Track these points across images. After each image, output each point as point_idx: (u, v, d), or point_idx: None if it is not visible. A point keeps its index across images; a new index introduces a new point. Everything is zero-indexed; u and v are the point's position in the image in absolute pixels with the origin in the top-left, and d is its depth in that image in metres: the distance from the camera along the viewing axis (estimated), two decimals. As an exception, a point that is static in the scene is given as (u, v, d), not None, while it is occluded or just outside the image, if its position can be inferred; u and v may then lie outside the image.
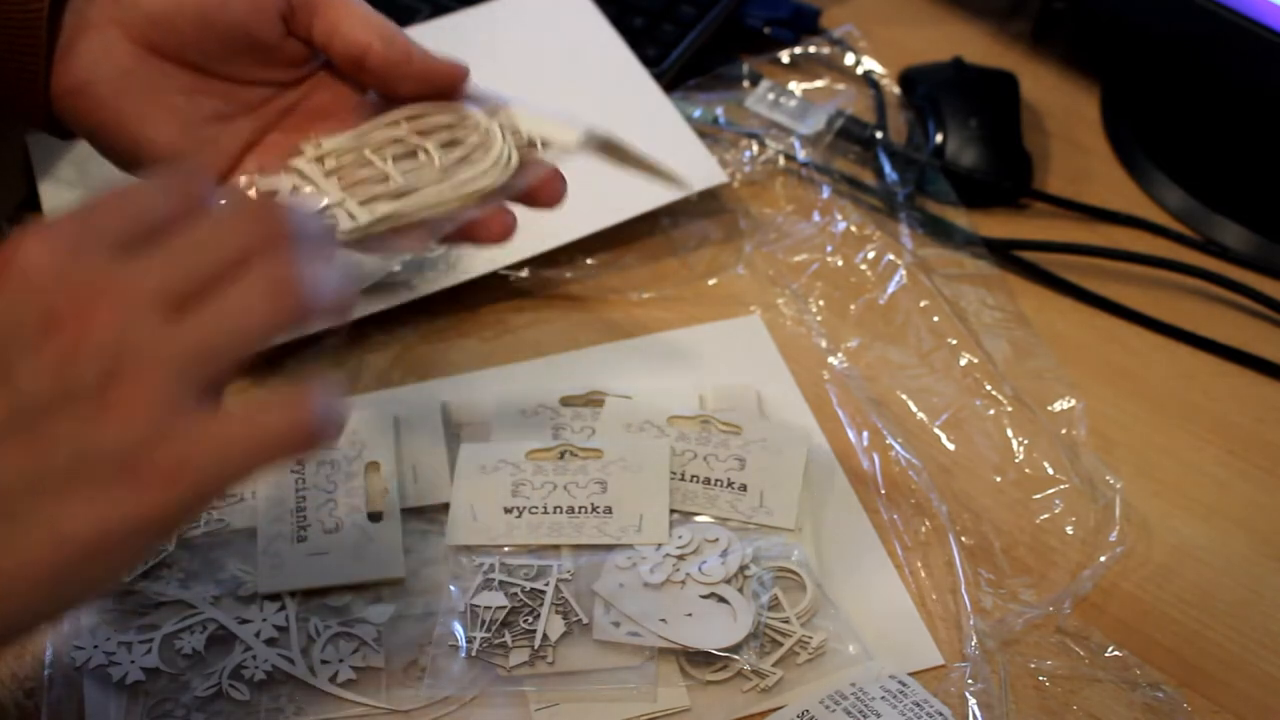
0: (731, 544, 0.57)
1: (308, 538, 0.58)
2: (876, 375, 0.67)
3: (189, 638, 0.54)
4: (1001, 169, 0.77)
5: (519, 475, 0.60)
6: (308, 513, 0.58)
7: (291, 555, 0.57)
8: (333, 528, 0.58)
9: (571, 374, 0.65)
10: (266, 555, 0.57)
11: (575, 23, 0.80)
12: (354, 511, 0.59)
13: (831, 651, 0.55)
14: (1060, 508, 0.61)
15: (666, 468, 0.60)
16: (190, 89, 0.52)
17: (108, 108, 0.51)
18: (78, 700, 0.53)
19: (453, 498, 0.59)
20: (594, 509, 0.58)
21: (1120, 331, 0.71)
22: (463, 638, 0.54)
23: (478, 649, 0.54)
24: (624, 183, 0.72)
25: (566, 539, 0.58)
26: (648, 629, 0.54)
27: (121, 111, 0.51)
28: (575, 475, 0.60)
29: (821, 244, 0.73)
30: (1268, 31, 0.70)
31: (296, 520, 0.58)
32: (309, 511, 0.58)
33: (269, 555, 0.57)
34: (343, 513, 0.58)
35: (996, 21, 0.90)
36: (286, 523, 0.58)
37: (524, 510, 0.58)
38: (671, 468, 0.60)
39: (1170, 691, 0.55)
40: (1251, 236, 0.75)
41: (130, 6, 0.50)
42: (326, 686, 0.53)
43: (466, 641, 0.54)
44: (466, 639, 0.54)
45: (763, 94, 0.81)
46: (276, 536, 0.58)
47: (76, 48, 0.51)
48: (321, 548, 0.57)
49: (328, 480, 0.60)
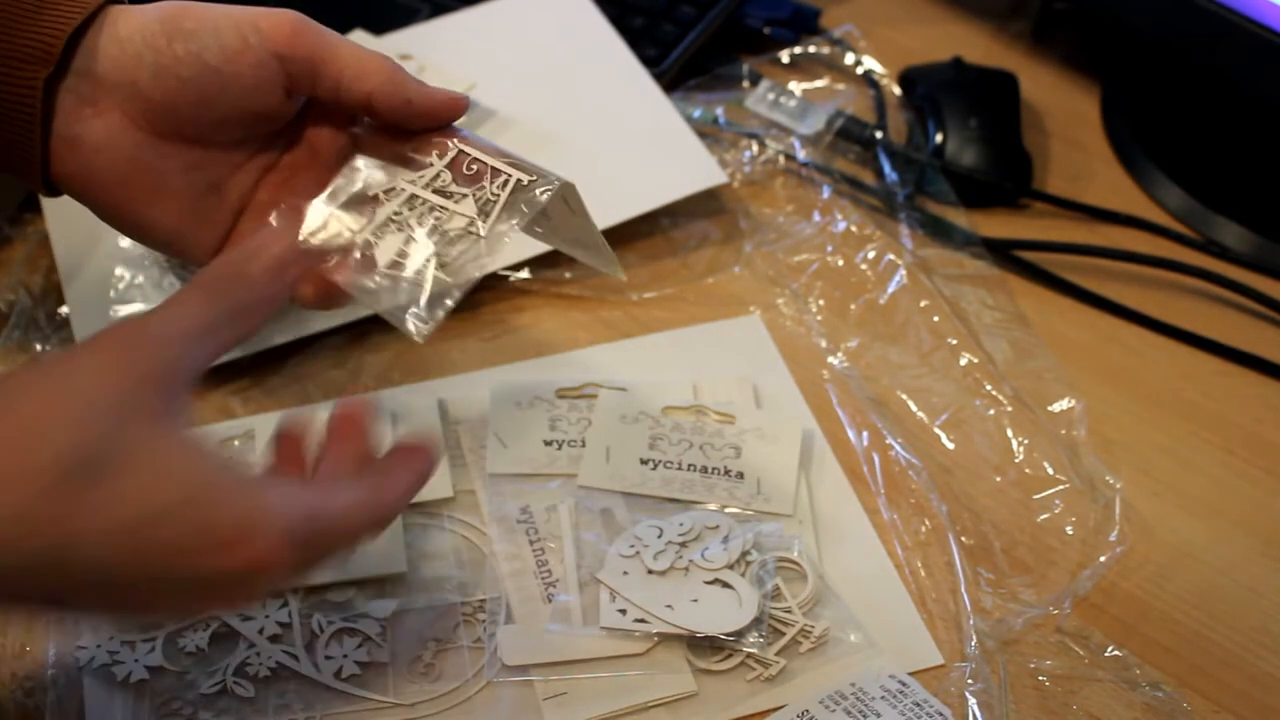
0: (732, 530, 0.58)
1: (308, 536, 0.58)
2: (876, 375, 0.67)
3: (192, 635, 0.55)
4: (1001, 169, 0.77)
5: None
6: (309, 511, 0.58)
7: (292, 554, 0.57)
8: (334, 526, 0.58)
9: (571, 372, 0.66)
10: (267, 554, 0.57)
11: (575, 23, 0.80)
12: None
13: (834, 640, 0.55)
14: (1060, 508, 0.62)
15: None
16: (188, 165, 0.51)
17: (113, 195, 0.51)
18: (79, 700, 0.53)
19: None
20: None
21: (1120, 331, 0.71)
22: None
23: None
24: (624, 183, 0.72)
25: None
26: (654, 615, 0.55)
27: (128, 198, 0.51)
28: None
29: (821, 244, 0.73)
30: (1268, 31, 0.70)
31: (297, 519, 0.58)
32: (310, 510, 0.58)
33: (270, 554, 0.57)
34: (344, 511, 0.59)
35: (996, 21, 0.90)
36: (287, 521, 0.58)
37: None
38: (669, 457, 0.61)
39: (1170, 691, 0.55)
40: (1251, 236, 0.75)
41: (133, 93, 0.49)
42: (331, 682, 0.54)
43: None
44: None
45: (763, 94, 0.81)
46: (277, 535, 0.58)
47: (77, 132, 0.49)
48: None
49: (328, 479, 0.60)
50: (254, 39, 0.49)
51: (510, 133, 0.74)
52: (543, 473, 0.61)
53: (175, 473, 0.41)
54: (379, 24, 0.80)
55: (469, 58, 0.77)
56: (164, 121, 0.50)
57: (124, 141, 0.50)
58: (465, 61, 0.76)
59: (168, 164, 0.51)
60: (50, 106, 0.49)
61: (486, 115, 0.75)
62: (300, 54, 0.50)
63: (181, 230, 0.52)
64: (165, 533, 0.40)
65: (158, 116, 0.50)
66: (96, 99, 0.49)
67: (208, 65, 0.49)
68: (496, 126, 0.75)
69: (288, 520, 0.42)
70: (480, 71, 0.75)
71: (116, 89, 0.49)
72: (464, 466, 0.62)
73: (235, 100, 0.50)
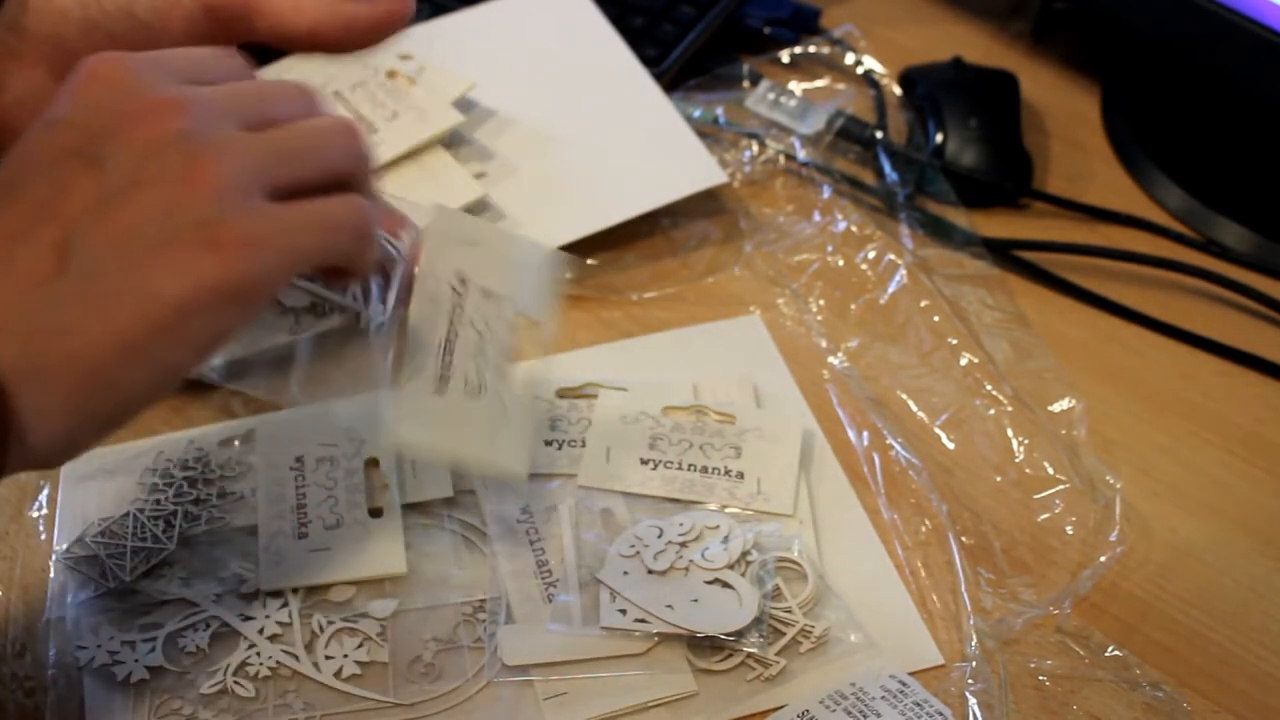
0: (732, 530, 0.58)
1: (309, 534, 0.58)
2: (876, 375, 0.67)
3: (192, 635, 0.55)
4: (1001, 169, 0.77)
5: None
6: (309, 509, 0.58)
7: (293, 552, 0.57)
8: (334, 524, 0.58)
9: (570, 372, 0.66)
10: (268, 552, 0.57)
11: (575, 23, 0.80)
12: (354, 508, 0.59)
13: (834, 641, 0.55)
14: (1060, 508, 0.62)
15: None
16: None
17: None
18: (79, 700, 0.53)
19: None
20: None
21: (1120, 331, 0.71)
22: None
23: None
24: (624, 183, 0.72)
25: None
26: (654, 615, 0.55)
27: None
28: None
29: (822, 244, 0.73)
30: (1268, 31, 0.70)
31: (298, 517, 0.58)
32: (310, 508, 0.59)
33: (270, 552, 0.57)
34: (343, 509, 0.59)
35: (996, 21, 0.90)
36: (288, 519, 0.58)
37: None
38: (669, 457, 0.61)
39: (1170, 691, 0.55)
40: (1251, 236, 0.75)
41: (58, 45, 0.48)
42: (331, 681, 0.54)
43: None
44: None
45: (763, 94, 0.81)
46: (278, 533, 0.58)
47: (4, 86, 0.49)
48: (323, 544, 0.57)
49: (328, 477, 0.60)
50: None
51: (510, 133, 0.74)
52: (543, 473, 0.61)
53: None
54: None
55: (469, 58, 0.77)
56: None
57: (47, 96, 0.48)
58: (465, 61, 0.76)
59: None
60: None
61: (486, 115, 0.75)
62: (231, 2, 0.49)
63: None
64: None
65: None
66: (22, 53, 0.49)
67: (137, 19, 0.48)
68: (496, 126, 0.75)
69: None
70: (480, 71, 0.75)
71: (43, 43, 0.48)
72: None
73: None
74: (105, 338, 0.39)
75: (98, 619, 0.55)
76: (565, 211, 0.70)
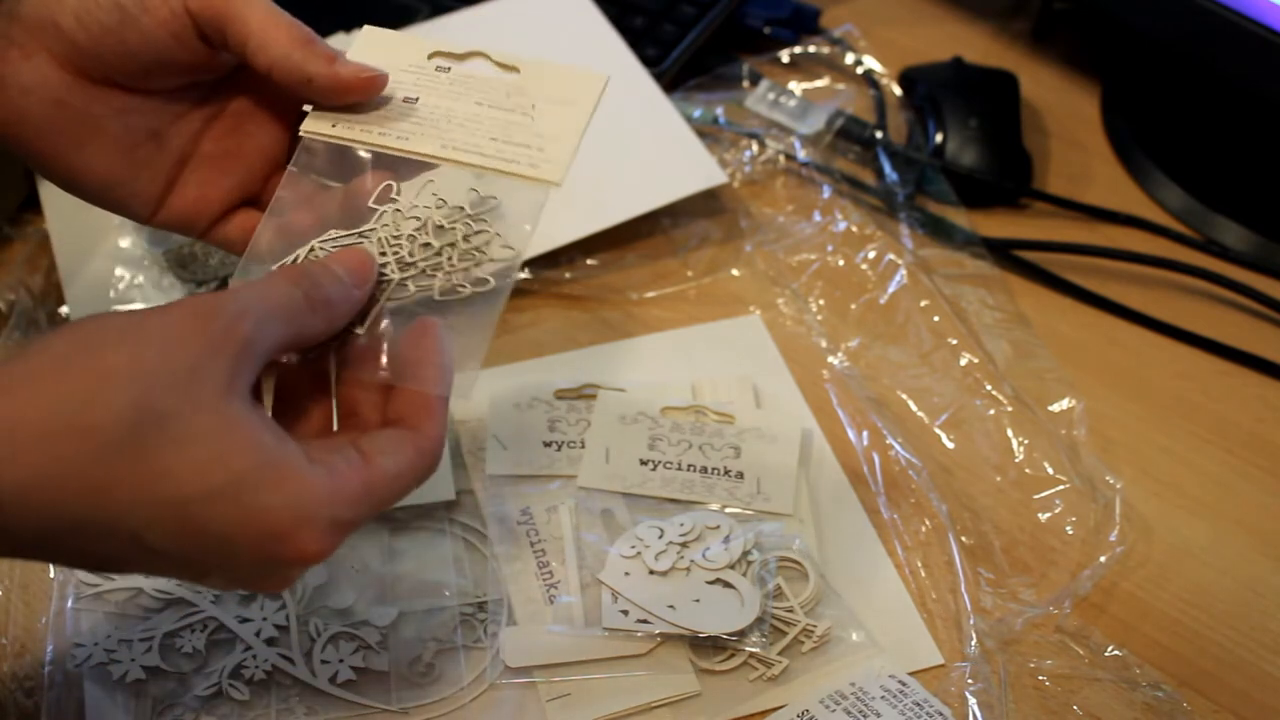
0: (733, 530, 0.58)
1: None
2: (876, 375, 0.67)
3: (189, 636, 0.55)
4: (1001, 169, 0.77)
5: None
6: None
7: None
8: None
9: (570, 372, 0.66)
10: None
11: (575, 23, 0.80)
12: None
13: (836, 640, 0.55)
14: (1060, 508, 0.62)
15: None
16: (122, 109, 0.50)
17: (44, 139, 0.50)
18: (78, 699, 0.53)
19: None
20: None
21: (1120, 331, 0.71)
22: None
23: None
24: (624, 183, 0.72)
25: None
26: (656, 616, 0.55)
27: (58, 143, 0.50)
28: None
29: (822, 244, 0.73)
30: (1268, 31, 0.70)
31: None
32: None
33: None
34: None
35: (996, 21, 0.90)
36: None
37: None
38: (669, 457, 0.61)
39: (1170, 691, 0.55)
40: (1251, 236, 0.75)
41: (56, 34, 0.48)
42: (327, 687, 0.53)
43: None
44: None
45: (763, 94, 0.81)
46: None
47: (3, 73, 0.49)
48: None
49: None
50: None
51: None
52: (542, 474, 0.61)
53: (230, 451, 0.40)
54: (378, 24, 0.80)
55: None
56: (93, 66, 0.49)
57: (53, 83, 0.49)
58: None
59: (99, 108, 0.50)
60: None
61: (486, 115, 0.75)
62: (208, 13, 0.49)
63: (117, 178, 0.51)
64: (213, 513, 0.40)
65: (86, 61, 0.49)
66: (23, 41, 0.49)
67: (126, 12, 0.48)
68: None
69: (333, 510, 0.42)
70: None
71: (42, 31, 0.49)
72: (464, 468, 0.62)
73: (156, 50, 0.49)
74: None
75: (95, 618, 0.55)
76: (565, 211, 0.70)
